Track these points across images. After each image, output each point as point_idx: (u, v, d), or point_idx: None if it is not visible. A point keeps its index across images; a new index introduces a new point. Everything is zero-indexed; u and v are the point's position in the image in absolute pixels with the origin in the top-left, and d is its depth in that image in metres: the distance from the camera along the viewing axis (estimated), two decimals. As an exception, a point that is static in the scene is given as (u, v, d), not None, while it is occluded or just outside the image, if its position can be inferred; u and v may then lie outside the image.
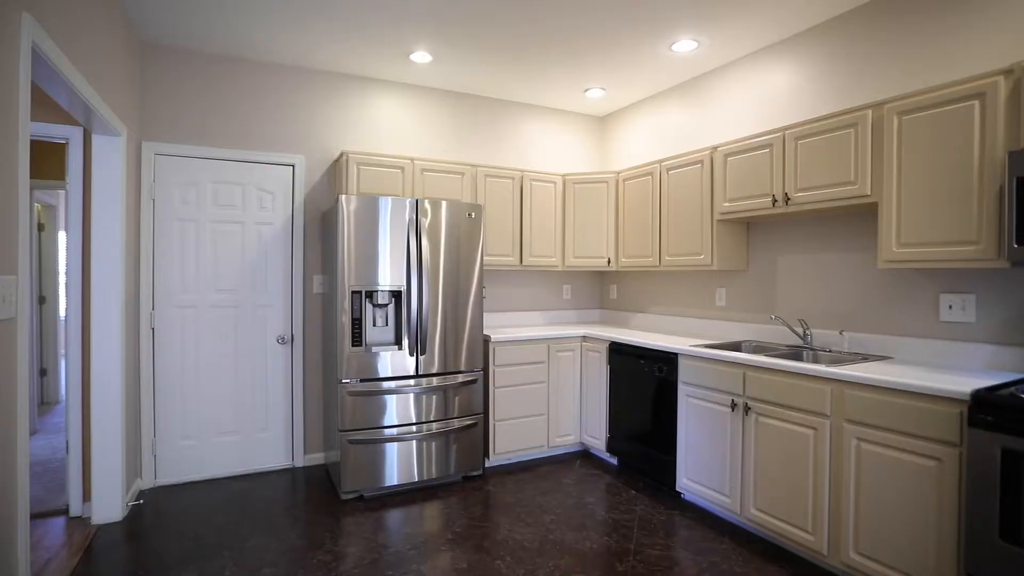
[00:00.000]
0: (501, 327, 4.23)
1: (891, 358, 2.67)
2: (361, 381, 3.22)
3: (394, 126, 4.07)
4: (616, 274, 4.67)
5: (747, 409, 2.70)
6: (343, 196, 3.13)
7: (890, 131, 2.42)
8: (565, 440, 3.92)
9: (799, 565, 2.48)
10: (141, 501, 3.18)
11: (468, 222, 3.51)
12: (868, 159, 2.51)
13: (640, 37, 3.29)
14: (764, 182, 2.98)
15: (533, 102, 4.53)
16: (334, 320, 3.27)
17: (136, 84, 3.26)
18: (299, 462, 3.78)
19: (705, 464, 2.95)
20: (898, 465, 2.11)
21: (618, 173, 4.08)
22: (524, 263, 4.07)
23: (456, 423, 3.47)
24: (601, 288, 4.85)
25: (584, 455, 4.00)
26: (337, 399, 3.19)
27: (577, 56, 3.58)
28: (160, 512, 3.05)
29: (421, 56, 3.59)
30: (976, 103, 2.13)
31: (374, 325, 3.31)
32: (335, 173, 3.81)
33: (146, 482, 3.37)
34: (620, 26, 3.15)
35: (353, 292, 3.20)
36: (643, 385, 3.40)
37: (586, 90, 4.21)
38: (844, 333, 2.90)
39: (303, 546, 2.66)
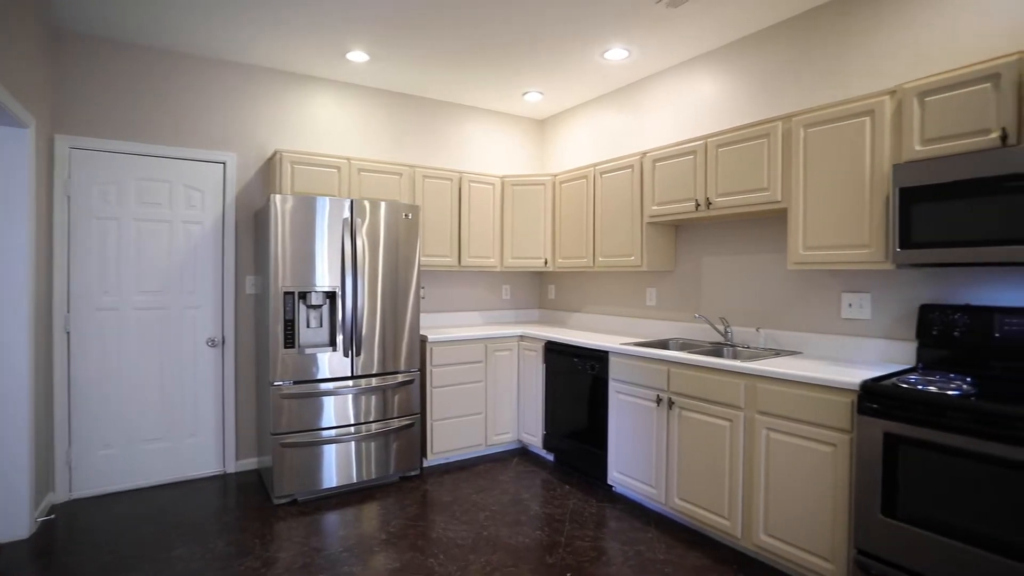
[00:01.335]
0: (440, 327, 4.25)
1: (801, 353, 2.87)
2: (295, 383, 3.17)
3: (331, 125, 4.02)
4: (554, 274, 4.78)
5: (671, 404, 2.84)
6: (275, 196, 3.08)
7: (797, 142, 2.60)
8: (503, 438, 3.99)
9: (717, 549, 2.64)
10: (53, 516, 3.02)
11: (405, 223, 3.51)
12: (779, 167, 2.69)
13: (574, 44, 3.39)
14: (688, 187, 3.14)
15: (473, 104, 4.57)
16: (267, 321, 3.21)
17: (48, 73, 3.08)
18: (231, 468, 3.68)
19: (634, 457, 3.08)
20: (801, 452, 2.28)
21: (555, 176, 4.18)
22: (463, 264, 4.11)
23: (393, 423, 3.46)
24: (540, 288, 4.95)
25: (522, 452, 4.08)
26: (269, 402, 3.13)
27: (515, 60, 3.65)
28: (75, 527, 2.90)
29: (358, 56, 3.57)
30: (867, 119, 2.33)
31: (308, 326, 3.27)
32: (269, 172, 3.73)
33: (59, 495, 3.19)
34: (554, 32, 3.24)
35: (286, 293, 3.14)
36: (577, 383, 3.50)
37: (524, 93, 4.29)
38: (760, 330, 3.09)
39: (231, 554, 2.60)
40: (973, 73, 2.01)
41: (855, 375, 2.21)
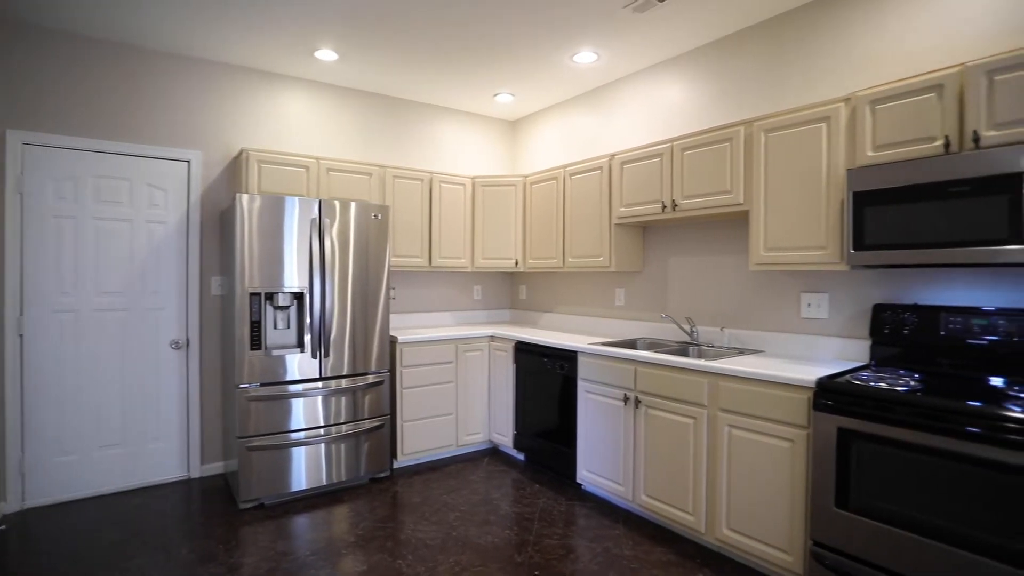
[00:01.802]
0: (412, 328, 4.24)
1: (763, 352, 2.95)
2: (262, 385, 3.13)
3: (300, 124, 3.97)
4: (525, 275, 4.80)
5: (638, 402, 2.89)
6: (240, 195, 3.03)
7: (759, 146, 2.68)
8: (474, 438, 3.99)
9: (682, 544, 2.69)
10: (4, 527, 2.91)
11: (375, 223, 3.49)
12: (741, 171, 2.76)
13: (544, 47, 3.42)
14: (655, 189, 3.19)
15: (444, 104, 4.56)
16: (233, 323, 3.15)
17: None
18: (196, 473, 3.60)
19: (602, 456, 3.12)
20: (761, 448, 2.35)
21: (526, 177, 4.20)
22: (433, 264, 4.10)
23: (363, 425, 3.44)
24: (511, 288, 4.97)
25: (493, 452, 4.09)
26: (235, 405, 3.08)
27: (485, 62, 3.66)
28: (29, 537, 2.81)
29: (326, 54, 3.53)
30: (823, 125, 2.42)
31: (275, 328, 3.23)
32: (235, 171, 3.67)
33: (11, 505, 3.08)
34: (524, 35, 3.26)
35: (252, 294, 3.10)
36: (547, 383, 3.53)
37: (496, 95, 4.30)
38: (724, 329, 3.17)
39: (194, 560, 2.55)
40: (919, 83, 2.10)
41: (812, 373, 2.28)
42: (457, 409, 3.91)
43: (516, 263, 4.22)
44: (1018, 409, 1.68)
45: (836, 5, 2.71)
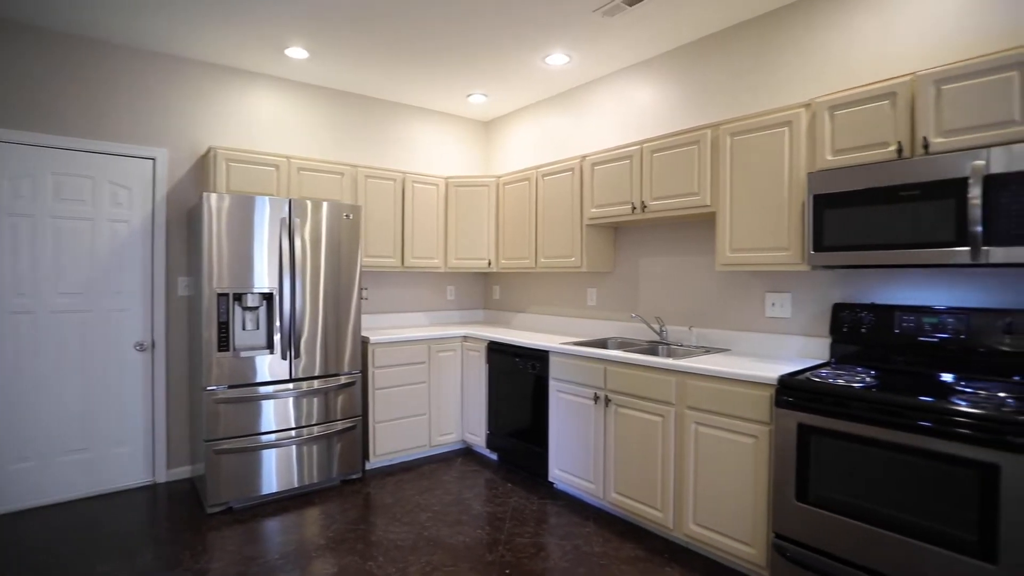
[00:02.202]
0: (384, 328, 4.22)
1: (729, 350, 3.02)
2: (230, 387, 3.08)
3: (271, 123, 3.92)
4: (498, 275, 4.82)
5: (608, 401, 2.93)
6: (207, 194, 2.98)
7: (725, 149, 2.74)
8: (447, 439, 3.99)
9: (650, 540, 2.74)
10: (-39, 533, 2.82)
11: (347, 223, 3.47)
12: (708, 173, 2.82)
13: (516, 48, 3.44)
14: (625, 190, 3.24)
15: (418, 104, 4.55)
16: (200, 324, 3.10)
17: (-47, 61, 2.87)
18: (162, 477, 3.52)
19: (573, 454, 3.15)
20: (727, 444, 2.41)
21: (499, 177, 4.22)
22: (406, 264, 4.09)
23: (335, 426, 3.41)
24: (485, 289, 4.98)
25: (466, 452, 4.10)
26: (203, 407, 3.02)
27: (458, 62, 3.66)
28: (-15, 544, 2.72)
29: (297, 52, 3.50)
30: (786, 130, 2.49)
31: (244, 329, 3.18)
32: (203, 169, 3.60)
33: (-32, 512, 2.98)
34: (496, 36, 3.28)
35: (220, 294, 3.05)
36: (519, 382, 3.55)
37: (469, 95, 4.31)
38: (693, 329, 3.23)
39: (159, 567, 2.50)
40: (874, 91, 2.18)
41: (775, 370, 2.35)
42: (430, 410, 3.90)
43: (489, 263, 4.23)
44: (964, 404, 1.76)
45: (798, 13, 2.79)
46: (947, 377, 2.18)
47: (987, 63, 1.90)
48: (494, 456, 3.94)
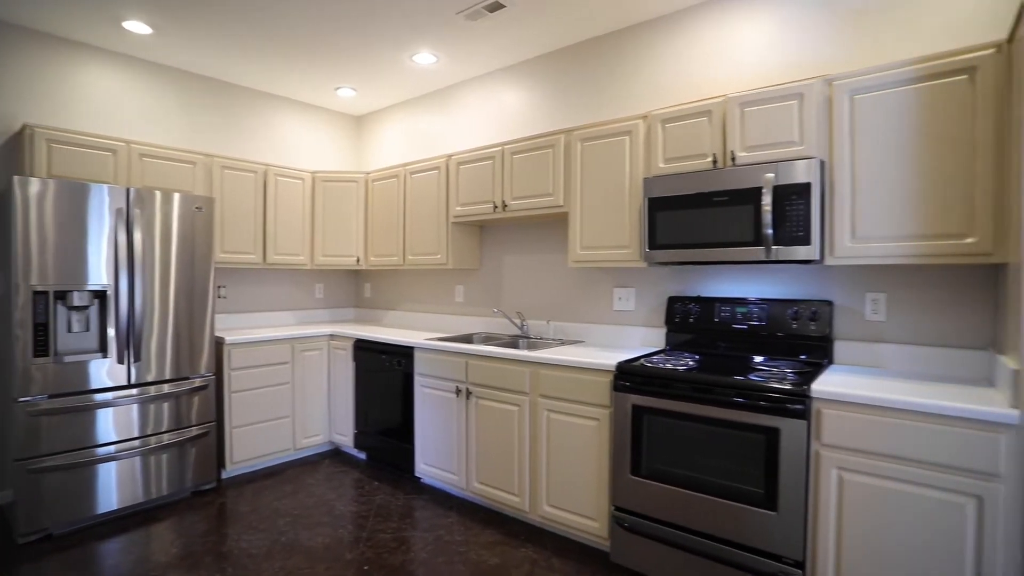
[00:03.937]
0: (246, 328, 3.98)
1: (583, 342, 3.24)
2: (51, 397, 2.74)
3: (108, 103, 3.53)
4: (369, 273, 4.75)
5: (469, 394, 3.01)
6: (18, 179, 2.63)
7: (576, 154, 2.94)
8: (313, 440, 3.87)
9: (510, 524, 2.87)
10: None
11: (199, 216, 3.23)
12: (561, 176, 3.01)
13: (382, 44, 3.42)
14: (488, 190, 3.35)
15: (283, 94, 4.34)
16: (10, 326, 2.72)
17: None
18: (-37, 506, 3.05)
19: (438, 448, 3.20)
20: (574, 428, 2.59)
21: (368, 174, 4.16)
22: (268, 261, 3.89)
23: (185, 433, 3.17)
24: (356, 286, 4.88)
25: (334, 453, 3.99)
26: (13, 422, 2.66)
27: (323, 53, 3.56)
28: None
29: (137, 26, 3.19)
30: (627, 138, 2.73)
31: (70, 331, 2.85)
32: (15, 149, 3.16)
33: None
34: (360, 29, 3.23)
35: (36, 293, 2.70)
36: (387, 380, 3.54)
37: (337, 88, 4.20)
38: (551, 322, 3.43)
39: (-49, 604, 2.18)
40: (695, 108, 2.47)
41: (616, 358, 2.57)
42: (294, 411, 3.75)
43: (358, 260, 4.15)
44: (757, 379, 2.06)
45: (641, 33, 3.07)
46: (758, 359, 2.52)
47: (776, 91, 2.24)
48: (363, 456, 3.88)
